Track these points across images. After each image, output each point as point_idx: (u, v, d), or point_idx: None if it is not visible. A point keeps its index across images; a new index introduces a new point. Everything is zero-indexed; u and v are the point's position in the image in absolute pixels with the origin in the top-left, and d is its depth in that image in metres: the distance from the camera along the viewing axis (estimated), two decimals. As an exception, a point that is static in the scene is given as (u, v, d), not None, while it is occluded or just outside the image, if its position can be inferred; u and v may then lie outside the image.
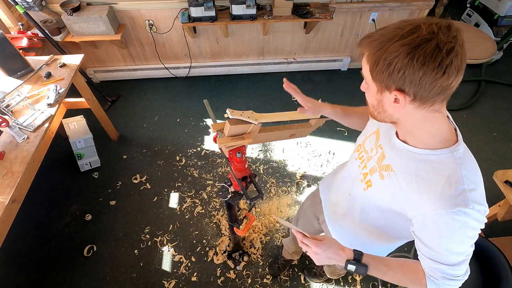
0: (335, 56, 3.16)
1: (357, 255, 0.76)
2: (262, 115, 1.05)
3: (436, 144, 0.67)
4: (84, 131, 2.28)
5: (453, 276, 0.69)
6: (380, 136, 0.82)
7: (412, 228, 0.73)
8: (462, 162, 0.65)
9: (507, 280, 1.20)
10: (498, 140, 2.62)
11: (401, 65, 0.55)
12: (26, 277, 1.87)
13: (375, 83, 0.62)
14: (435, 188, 0.64)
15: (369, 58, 0.60)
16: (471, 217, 0.62)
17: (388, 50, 0.56)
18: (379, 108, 0.67)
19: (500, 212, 1.58)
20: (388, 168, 0.76)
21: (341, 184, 1.03)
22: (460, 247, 0.66)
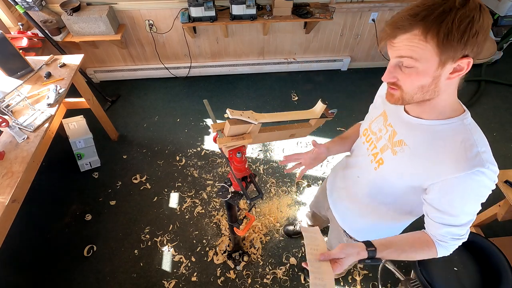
0: (335, 56, 3.16)
1: (371, 253, 0.77)
2: (262, 115, 1.05)
3: (449, 113, 0.71)
4: (84, 131, 2.28)
5: (460, 235, 0.75)
6: (389, 116, 0.85)
7: (426, 196, 0.76)
8: (472, 128, 0.70)
9: (507, 280, 1.20)
10: (498, 140, 2.62)
11: (476, 29, 0.55)
12: (26, 277, 1.87)
13: (441, 57, 0.59)
14: (452, 153, 0.68)
15: (432, 34, 0.57)
16: (487, 176, 0.66)
17: (459, 18, 0.55)
18: (432, 85, 0.65)
19: (500, 212, 1.58)
20: (401, 143, 0.79)
21: (348, 169, 1.07)
22: (474, 206, 0.71)
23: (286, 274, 1.88)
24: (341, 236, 1.21)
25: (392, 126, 0.83)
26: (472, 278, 1.24)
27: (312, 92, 3.03)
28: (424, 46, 0.59)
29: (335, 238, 1.30)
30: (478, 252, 1.32)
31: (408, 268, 1.89)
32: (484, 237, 1.35)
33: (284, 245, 2.01)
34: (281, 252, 1.98)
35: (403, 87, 0.68)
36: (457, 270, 1.26)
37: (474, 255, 1.31)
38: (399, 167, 0.80)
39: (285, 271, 1.89)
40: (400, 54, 0.63)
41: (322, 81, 3.16)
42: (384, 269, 1.83)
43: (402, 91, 0.69)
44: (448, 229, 0.74)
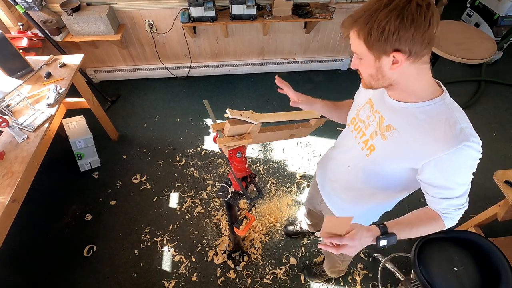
0: (335, 56, 3.16)
1: (382, 228, 0.81)
2: (262, 115, 1.05)
3: (429, 95, 0.76)
4: (84, 131, 2.28)
5: (461, 205, 0.81)
6: (375, 103, 0.89)
7: (421, 177, 0.80)
8: (453, 107, 0.76)
9: (507, 280, 1.20)
10: (498, 140, 2.62)
11: (394, 28, 0.63)
12: (26, 277, 1.87)
13: (372, 52, 0.69)
14: (438, 133, 0.73)
15: (361, 32, 0.67)
16: (473, 148, 0.71)
17: (378, 19, 0.63)
18: (379, 75, 0.74)
19: (500, 212, 1.57)
20: (389, 128, 0.83)
21: (338, 160, 1.09)
22: (466, 177, 0.77)
23: (286, 274, 1.88)
24: None
25: (379, 112, 0.87)
26: (472, 278, 1.24)
27: (312, 92, 3.02)
28: (359, 43, 0.70)
29: None
30: (478, 252, 1.32)
31: (408, 268, 1.90)
32: (484, 237, 1.35)
33: (284, 245, 2.01)
34: (281, 252, 1.98)
35: (362, 75, 0.79)
36: (457, 270, 1.26)
37: (474, 255, 1.31)
38: (391, 151, 0.84)
39: (285, 271, 1.89)
40: (352, 49, 0.75)
41: (322, 81, 3.16)
42: (384, 269, 1.84)
43: (363, 78, 0.79)
44: (449, 202, 0.80)
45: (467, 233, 1.39)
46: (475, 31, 2.56)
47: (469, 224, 1.84)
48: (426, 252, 1.33)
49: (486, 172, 1.57)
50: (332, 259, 1.51)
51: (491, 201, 1.90)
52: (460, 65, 3.22)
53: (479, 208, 2.11)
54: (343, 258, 1.47)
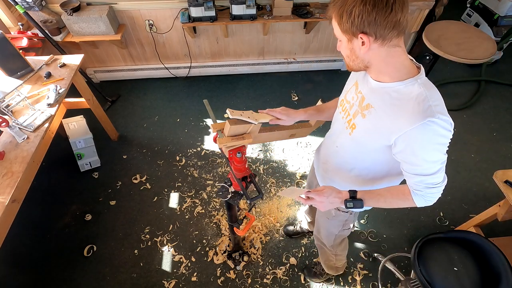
0: (335, 56, 3.16)
1: (352, 193, 0.94)
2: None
3: (403, 76, 0.80)
4: (84, 131, 2.28)
5: (434, 184, 0.84)
6: (359, 85, 0.95)
7: (394, 151, 0.85)
8: (426, 86, 0.78)
9: (507, 280, 1.20)
10: (498, 140, 2.62)
11: (359, 11, 0.69)
12: (26, 277, 1.87)
13: (345, 35, 0.77)
14: (407, 109, 0.77)
15: (336, 16, 0.75)
16: (438, 125, 0.74)
17: (348, 3, 0.70)
18: (353, 56, 0.81)
19: (500, 212, 1.57)
20: (368, 107, 0.88)
21: (328, 141, 1.15)
22: (435, 155, 0.79)
23: (286, 274, 1.88)
24: (330, 212, 1.23)
25: (361, 92, 0.92)
26: (472, 278, 1.24)
27: (312, 92, 3.03)
28: (336, 26, 0.78)
29: (323, 214, 1.32)
30: (478, 252, 1.32)
31: (408, 268, 1.90)
32: (484, 237, 1.35)
33: (284, 245, 2.01)
34: (281, 252, 1.98)
35: (343, 56, 0.85)
36: (457, 270, 1.26)
37: (474, 255, 1.31)
38: (368, 128, 0.89)
39: (285, 271, 1.89)
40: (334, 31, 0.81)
41: (322, 81, 3.16)
42: (384, 269, 1.84)
43: (344, 59, 0.86)
44: (420, 178, 0.83)
45: (467, 233, 1.39)
46: (475, 31, 2.56)
47: (469, 224, 1.84)
48: (426, 252, 1.33)
49: (486, 172, 1.57)
50: (325, 252, 1.55)
51: (491, 201, 1.91)
52: (460, 65, 3.22)
53: (479, 208, 2.12)
54: (335, 252, 1.51)
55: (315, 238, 1.58)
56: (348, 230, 1.34)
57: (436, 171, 0.82)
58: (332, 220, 1.28)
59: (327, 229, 1.38)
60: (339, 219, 1.25)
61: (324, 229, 1.40)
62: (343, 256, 1.59)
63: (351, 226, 1.32)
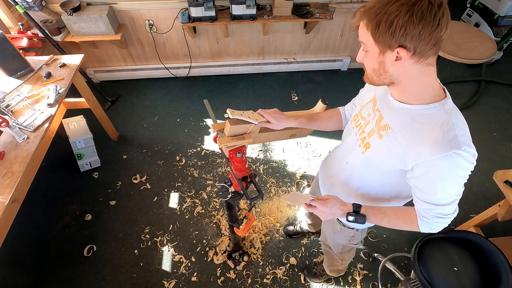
0: (335, 56, 3.16)
1: (356, 207, 0.89)
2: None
3: (429, 99, 0.75)
4: (84, 131, 2.28)
5: (444, 214, 0.80)
6: (377, 101, 0.89)
7: (410, 175, 0.80)
8: (452, 113, 0.73)
9: (507, 280, 1.20)
10: (498, 140, 2.62)
11: (402, 23, 0.62)
12: (26, 277, 1.87)
13: (378, 45, 0.68)
14: (430, 136, 0.72)
15: (370, 23, 0.66)
16: (463, 158, 0.70)
17: (388, 12, 0.62)
18: (380, 70, 0.73)
19: (500, 212, 1.57)
20: (386, 127, 0.83)
21: (338, 156, 1.10)
22: (454, 188, 0.75)
23: (286, 274, 1.88)
24: (334, 225, 1.22)
25: (379, 110, 0.87)
26: (472, 278, 1.24)
27: (312, 92, 3.03)
28: (367, 34, 0.69)
29: (328, 228, 1.31)
30: (478, 252, 1.32)
31: (408, 268, 1.90)
32: (484, 237, 1.35)
33: (284, 245, 2.01)
34: (281, 252, 1.98)
35: (366, 68, 0.78)
36: (457, 270, 1.26)
37: (474, 255, 1.31)
38: (384, 150, 0.83)
39: (285, 271, 1.89)
40: (359, 39, 0.74)
41: (322, 81, 3.16)
42: (384, 269, 1.84)
43: (366, 72, 0.79)
44: (430, 206, 0.79)
45: (467, 233, 1.39)
46: (475, 31, 2.56)
47: (469, 224, 1.84)
48: (426, 252, 1.33)
49: (486, 172, 1.57)
50: (331, 257, 1.51)
51: (491, 201, 1.91)
52: (460, 65, 3.22)
53: (479, 208, 2.12)
54: (342, 257, 1.47)
55: (322, 244, 1.55)
56: (356, 244, 1.29)
57: (449, 203, 0.78)
58: (337, 234, 1.25)
59: (333, 240, 1.35)
60: (345, 234, 1.22)
61: (331, 240, 1.37)
62: (349, 261, 1.57)
63: (359, 242, 1.28)
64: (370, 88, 0.98)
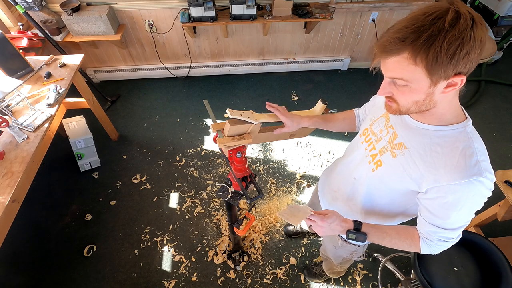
0: (335, 56, 3.16)
1: (357, 224, 0.84)
2: (262, 115, 1.05)
3: (450, 120, 0.71)
4: (84, 131, 2.28)
5: (448, 238, 0.77)
6: (391, 118, 0.85)
7: (421, 197, 0.77)
8: (473, 136, 0.70)
9: (507, 280, 1.20)
10: (498, 140, 2.62)
11: (467, 50, 0.56)
12: (26, 277, 1.87)
13: (431, 78, 0.60)
14: (451, 161, 0.68)
15: (421, 57, 0.57)
16: (484, 185, 0.67)
17: (447, 42, 0.55)
18: (426, 101, 0.66)
19: (500, 212, 1.58)
20: (401, 146, 0.79)
21: (344, 169, 1.05)
22: (467, 214, 0.72)
23: (286, 274, 1.88)
24: (335, 240, 1.20)
25: (393, 128, 0.82)
26: (472, 278, 1.24)
27: (312, 92, 3.03)
28: (414, 69, 0.60)
29: (330, 242, 1.29)
30: (478, 252, 1.32)
31: (408, 268, 1.90)
32: (484, 237, 1.35)
33: (284, 245, 2.01)
34: (281, 252, 1.98)
35: (398, 101, 0.69)
36: (457, 270, 1.26)
37: (474, 255, 1.31)
38: (398, 170, 0.79)
39: (285, 271, 1.89)
40: (391, 75, 0.65)
41: (322, 81, 3.16)
42: (384, 269, 1.84)
43: (398, 105, 0.70)
44: (436, 229, 0.76)
45: (467, 233, 1.39)
46: (475, 31, 2.56)
47: (469, 224, 1.84)
48: (426, 252, 1.33)
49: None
50: (329, 262, 1.50)
51: (491, 201, 1.90)
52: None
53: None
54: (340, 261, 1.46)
55: (321, 253, 1.54)
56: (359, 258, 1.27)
57: (457, 228, 0.75)
58: (339, 249, 1.23)
59: (334, 253, 1.34)
60: (346, 249, 1.20)
61: (331, 253, 1.36)
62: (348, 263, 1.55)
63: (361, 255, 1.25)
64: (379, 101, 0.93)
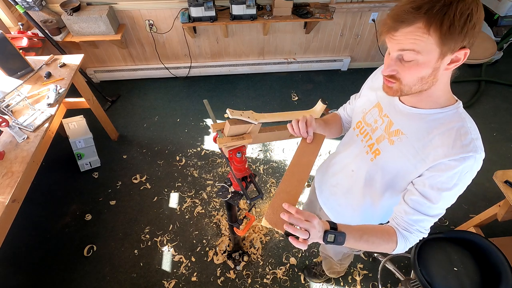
0: (335, 56, 3.16)
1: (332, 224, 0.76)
2: (262, 115, 1.05)
3: (445, 102, 0.75)
4: (84, 131, 2.28)
5: (425, 228, 0.79)
6: (384, 107, 0.87)
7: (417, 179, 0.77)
8: (466, 116, 0.74)
9: (507, 280, 1.20)
10: (498, 140, 2.62)
11: (474, 21, 0.58)
12: (26, 277, 1.87)
13: (442, 48, 0.61)
14: (448, 139, 0.71)
15: (435, 26, 0.58)
16: (477, 162, 0.70)
17: (460, 11, 0.57)
18: (431, 77, 0.67)
19: (500, 212, 1.57)
20: (398, 133, 0.81)
21: (341, 164, 1.05)
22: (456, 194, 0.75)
23: (286, 274, 1.88)
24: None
25: (388, 116, 0.84)
26: (472, 278, 1.24)
27: (312, 92, 3.03)
28: (426, 39, 0.61)
29: None
30: (478, 252, 1.32)
31: (408, 268, 1.90)
32: (484, 237, 1.35)
33: (284, 245, 2.01)
34: (281, 252, 1.98)
35: (403, 79, 0.70)
36: (457, 270, 1.26)
37: (474, 255, 1.31)
38: (397, 155, 0.82)
39: (285, 271, 1.89)
40: (402, 47, 0.64)
41: (322, 81, 3.16)
42: (384, 269, 1.84)
43: (401, 83, 0.70)
44: (418, 217, 0.77)
45: (467, 233, 1.39)
46: (475, 31, 2.56)
47: (469, 224, 1.84)
48: (426, 252, 1.33)
49: (486, 172, 1.56)
50: (330, 262, 1.51)
51: (491, 201, 1.90)
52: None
53: (479, 208, 2.12)
54: (340, 262, 1.47)
55: (320, 252, 1.54)
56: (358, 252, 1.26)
57: (437, 215, 0.77)
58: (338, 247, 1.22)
59: (334, 250, 1.35)
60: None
61: (332, 249, 1.38)
62: (348, 263, 1.57)
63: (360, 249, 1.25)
64: (369, 93, 0.94)
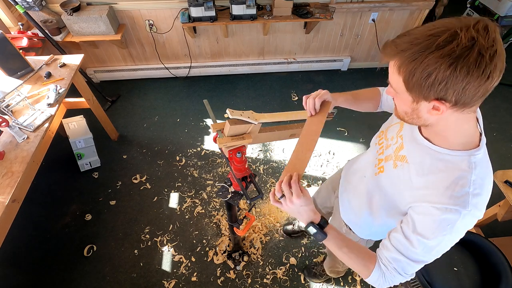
0: (335, 56, 3.16)
1: (323, 222, 0.76)
2: (262, 115, 1.05)
3: (457, 145, 0.67)
4: (84, 131, 2.28)
5: (405, 271, 0.72)
6: (404, 127, 0.83)
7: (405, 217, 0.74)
8: (476, 167, 0.65)
9: (507, 280, 1.20)
10: (498, 140, 2.62)
11: (443, 77, 0.53)
12: (26, 277, 1.87)
13: (411, 94, 0.60)
14: (442, 184, 0.66)
15: (403, 70, 0.57)
16: (464, 218, 0.63)
17: (425, 62, 0.53)
18: (413, 115, 0.65)
19: (500, 212, 1.58)
20: (403, 159, 0.78)
21: (360, 165, 1.08)
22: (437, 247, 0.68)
23: (286, 274, 1.88)
24: (341, 226, 1.22)
25: (402, 138, 0.81)
26: (472, 278, 1.24)
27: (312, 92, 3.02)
28: (398, 80, 0.60)
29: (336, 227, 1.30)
30: (478, 252, 1.32)
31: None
32: (484, 237, 1.35)
33: (284, 245, 2.01)
34: (281, 252, 1.98)
35: (396, 106, 0.71)
36: (457, 270, 1.26)
37: (474, 255, 1.31)
38: (395, 181, 0.79)
39: (285, 271, 1.89)
40: (389, 79, 0.65)
41: (322, 81, 3.16)
42: (384, 269, 1.83)
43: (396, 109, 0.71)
44: (399, 257, 0.71)
45: (467, 233, 1.39)
46: (475, 31, 2.55)
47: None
48: (426, 252, 1.33)
49: (486, 172, 1.57)
50: (334, 259, 1.51)
51: (491, 201, 1.90)
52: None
53: (479, 208, 2.11)
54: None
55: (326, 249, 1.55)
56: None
57: (419, 261, 0.70)
58: None
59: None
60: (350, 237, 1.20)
61: None
62: None
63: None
64: None
